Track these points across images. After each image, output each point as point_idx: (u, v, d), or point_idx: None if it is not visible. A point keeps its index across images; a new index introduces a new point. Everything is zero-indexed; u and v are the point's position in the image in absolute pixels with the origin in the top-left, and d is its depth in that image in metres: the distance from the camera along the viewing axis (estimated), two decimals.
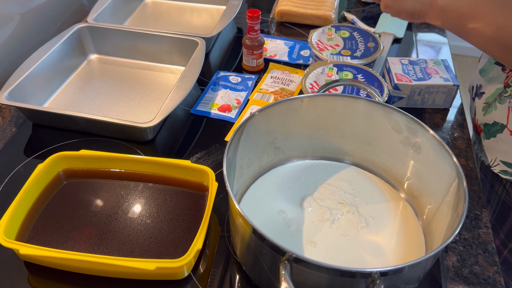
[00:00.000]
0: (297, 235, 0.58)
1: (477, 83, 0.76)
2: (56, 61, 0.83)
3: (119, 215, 0.60)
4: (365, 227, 0.59)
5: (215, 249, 0.60)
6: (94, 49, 0.92)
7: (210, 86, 0.86)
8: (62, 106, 0.80)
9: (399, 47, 0.97)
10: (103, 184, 0.64)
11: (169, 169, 0.63)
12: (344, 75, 0.78)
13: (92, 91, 0.84)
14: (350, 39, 0.88)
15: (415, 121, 0.57)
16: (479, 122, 0.75)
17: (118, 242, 0.57)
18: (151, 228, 0.58)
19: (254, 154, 0.62)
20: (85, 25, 0.88)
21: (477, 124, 0.76)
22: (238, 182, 0.61)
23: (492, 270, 0.57)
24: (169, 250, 0.56)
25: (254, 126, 0.58)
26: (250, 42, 0.86)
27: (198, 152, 0.73)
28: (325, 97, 0.61)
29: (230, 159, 0.53)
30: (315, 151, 0.68)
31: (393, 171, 0.64)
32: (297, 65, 0.92)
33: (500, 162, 0.71)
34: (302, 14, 1.00)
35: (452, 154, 0.53)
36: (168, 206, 0.61)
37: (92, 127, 0.74)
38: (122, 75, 0.88)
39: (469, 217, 0.63)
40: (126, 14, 1.04)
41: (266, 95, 0.83)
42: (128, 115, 0.79)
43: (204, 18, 1.06)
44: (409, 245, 0.57)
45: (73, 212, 0.60)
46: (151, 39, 0.88)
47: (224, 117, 0.79)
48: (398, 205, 0.62)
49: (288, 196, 0.63)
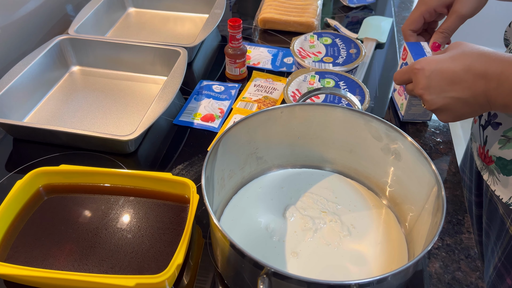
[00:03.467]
0: (279, 246, 0.58)
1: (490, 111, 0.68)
2: (37, 74, 0.82)
3: (100, 230, 0.59)
4: (347, 235, 0.59)
5: (198, 262, 0.59)
6: (76, 61, 0.91)
7: (193, 95, 0.85)
8: (44, 120, 0.79)
9: (382, 52, 0.97)
10: (83, 199, 0.63)
11: (150, 182, 0.63)
12: (326, 82, 0.78)
13: (74, 103, 0.83)
14: (332, 45, 0.88)
15: (394, 128, 0.57)
16: (491, 153, 0.68)
17: (99, 258, 0.56)
18: (132, 243, 0.58)
19: (235, 165, 0.62)
20: (66, 37, 0.88)
21: (487, 155, 0.69)
22: (220, 194, 0.61)
23: (475, 276, 0.57)
24: (150, 265, 0.55)
25: (234, 138, 0.58)
26: (232, 51, 0.85)
27: (181, 163, 0.72)
28: (304, 106, 0.61)
29: (208, 176, 0.52)
30: (298, 160, 0.68)
31: (375, 178, 0.64)
32: (280, 72, 0.92)
33: None
34: (285, 21, 1.00)
35: (431, 162, 0.53)
36: (149, 220, 0.60)
37: (74, 141, 0.73)
38: (105, 87, 0.88)
39: (452, 222, 0.63)
40: (108, 25, 1.03)
41: (249, 104, 0.83)
42: (111, 128, 0.78)
43: (188, 27, 1.05)
44: (392, 253, 0.57)
45: (53, 228, 0.59)
46: (133, 50, 0.88)
47: (207, 127, 0.79)
48: (381, 212, 0.62)
49: (271, 206, 0.63)
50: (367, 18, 1.05)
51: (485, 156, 0.70)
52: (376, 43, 0.97)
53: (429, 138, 0.76)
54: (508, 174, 0.65)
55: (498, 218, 0.71)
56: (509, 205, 0.66)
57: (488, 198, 0.74)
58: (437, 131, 0.78)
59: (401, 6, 1.15)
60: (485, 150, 0.70)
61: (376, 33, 0.99)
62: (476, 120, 0.74)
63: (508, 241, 0.68)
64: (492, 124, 0.67)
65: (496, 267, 0.72)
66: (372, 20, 1.04)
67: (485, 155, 0.70)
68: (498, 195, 0.68)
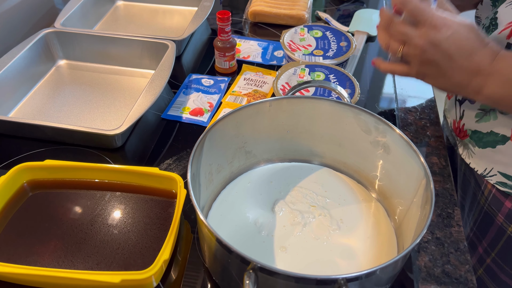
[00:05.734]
0: (268, 241, 0.57)
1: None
2: (23, 68, 0.81)
3: (85, 226, 0.58)
4: (336, 229, 0.58)
5: (187, 257, 0.59)
6: (63, 55, 0.89)
7: (182, 89, 0.84)
8: (29, 115, 0.78)
9: (373, 45, 0.97)
10: (69, 194, 0.62)
11: (136, 177, 0.62)
12: (316, 75, 0.77)
13: (61, 98, 0.82)
14: (323, 38, 0.87)
15: (383, 121, 0.57)
16: (466, 127, 0.70)
17: (84, 255, 0.55)
18: (118, 239, 0.57)
19: (223, 159, 0.61)
20: (52, 30, 0.86)
21: (462, 129, 0.71)
22: (208, 188, 0.60)
23: (464, 269, 0.57)
24: (137, 261, 0.55)
25: (221, 132, 0.57)
26: (221, 44, 0.84)
27: (169, 158, 0.71)
28: (293, 99, 0.60)
29: (194, 173, 0.51)
30: (287, 154, 0.67)
31: (364, 172, 0.63)
32: (270, 66, 0.91)
33: (498, 173, 0.66)
34: (275, 14, 0.99)
35: (420, 154, 0.52)
36: (136, 215, 0.60)
37: (60, 135, 0.72)
38: (92, 81, 0.86)
39: (442, 215, 0.63)
40: (96, 18, 1.02)
41: (239, 98, 0.82)
42: (98, 122, 0.77)
43: (177, 20, 1.04)
44: (381, 247, 0.56)
45: (38, 225, 0.58)
46: (121, 43, 0.86)
47: (196, 121, 0.78)
48: (370, 206, 0.62)
49: (259, 200, 0.62)
50: (358, 11, 1.04)
51: (460, 131, 0.71)
52: (367, 36, 0.96)
53: (419, 131, 0.76)
54: (483, 147, 0.67)
55: (470, 191, 0.74)
56: (484, 176, 0.68)
57: (463, 172, 0.76)
58: (427, 124, 0.77)
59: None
60: (460, 125, 0.71)
61: (367, 26, 0.98)
62: (450, 96, 0.76)
63: (479, 212, 0.71)
64: (468, 99, 0.69)
65: (469, 237, 0.75)
66: (363, 13, 1.03)
67: (460, 129, 0.71)
68: (473, 167, 0.70)
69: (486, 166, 0.68)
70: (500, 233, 0.69)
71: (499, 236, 0.69)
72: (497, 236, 0.70)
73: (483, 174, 0.69)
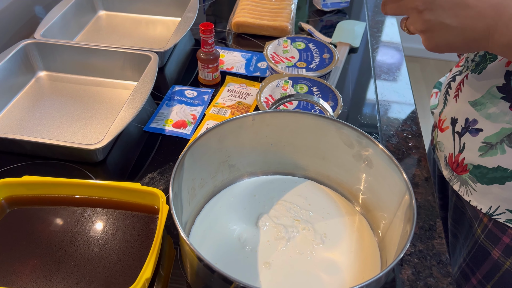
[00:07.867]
0: (252, 256, 0.57)
1: (467, 117, 0.64)
2: (0, 80, 0.79)
3: (66, 244, 0.57)
4: (320, 244, 0.58)
5: (169, 273, 0.58)
6: (43, 66, 0.88)
7: (165, 101, 0.84)
8: (8, 129, 0.76)
9: (356, 56, 0.98)
10: (48, 211, 0.61)
11: (117, 193, 0.61)
12: (299, 88, 0.78)
13: (41, 110, 0.80)
14: (306, 50, 0.87)
15: (365, 135, 0.57)
16: (467, 161, 0.65)
17: (64, 274, 0.54)
18: (99, 256, 0.56)
19: (206, 174, 0.61)
20: (32, 41, 0.85)
21: (461, 163, 0.66)
22: (191, 204, 0.59)
23: (446, 282, 0.57)
24: (118, 279, 0.54)
25: (203, 147, 0.57)
26: (204, 55, 0.84)
27: (151, 172, 0.70)
28: (276, 113, 0.60)
29: (176, 191, 0.51)
30: (270, 167, 0.67)
31: (347, 185, 0.63)
32: (254, 77, 0.91)
33: (506, 211, 0.62)
34: (259, 26, 0.99)
35: (401, 169, 0.53)
36: (117, 232, 0.59)
37: (39, 150, 0.70)
38: (73, 93, 0.85)
39: (424, 228, 0.64)
40: (77, 28, 1.00)
41: (222, 109, 0.82)
42: (79, 135, 0.76)
43: (160, 31, 1.04)
44: (365, 261, 0.57)
45: (16, 243, 0.57)
46: (102, 55, 0.85)
47: (179, 134, 0.77)
48: (354, 219, 0.62)
49: (243, 215, 0.61)
50: (341, 22, 1.05)
51: (458, 165, 0.67)
52: (349, 47, 0.97)
53: (401, 142, 0.77)
54: (488, 183, 0.63)
55: (465, 221, 0.71)
56: (490, 215, 0.64)
57: (454, 203, 0.74)
58: (409, 135, 0.78)
59: (374, 10, 1.16)
60: (459, 159, 0.66)
61: (350, 37, 0.99)
62: (442, 129, 0.71)
63: (474, 243, 0.69)
64: (470, 131, 0.63)
65: (461, 266, 0.74)
66: (346, 24, 1.04)
67: (458, 164, 0.67)
68: (475, 205, 0.66)
69: (492, 204, 0.63)
70: (496, 266, 0.66)
71: (495, 269, 0.66)
72: (493, 269, 0.67)
73: (488, 212, 0.64)
